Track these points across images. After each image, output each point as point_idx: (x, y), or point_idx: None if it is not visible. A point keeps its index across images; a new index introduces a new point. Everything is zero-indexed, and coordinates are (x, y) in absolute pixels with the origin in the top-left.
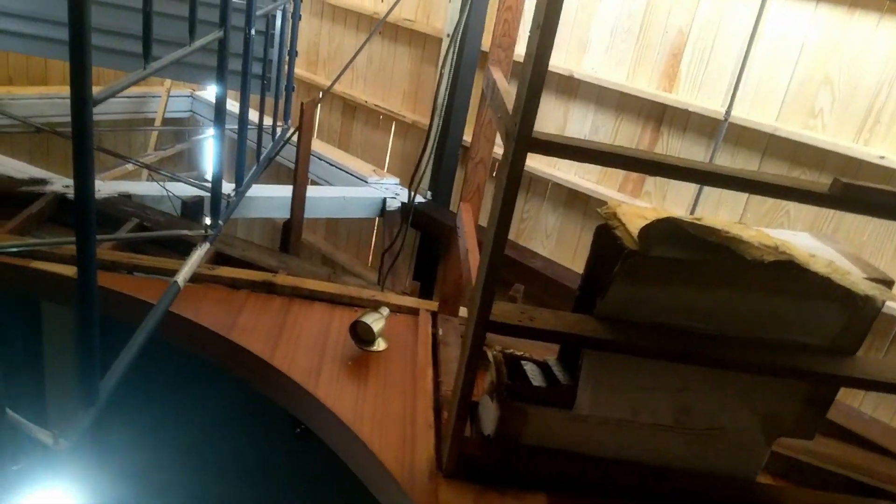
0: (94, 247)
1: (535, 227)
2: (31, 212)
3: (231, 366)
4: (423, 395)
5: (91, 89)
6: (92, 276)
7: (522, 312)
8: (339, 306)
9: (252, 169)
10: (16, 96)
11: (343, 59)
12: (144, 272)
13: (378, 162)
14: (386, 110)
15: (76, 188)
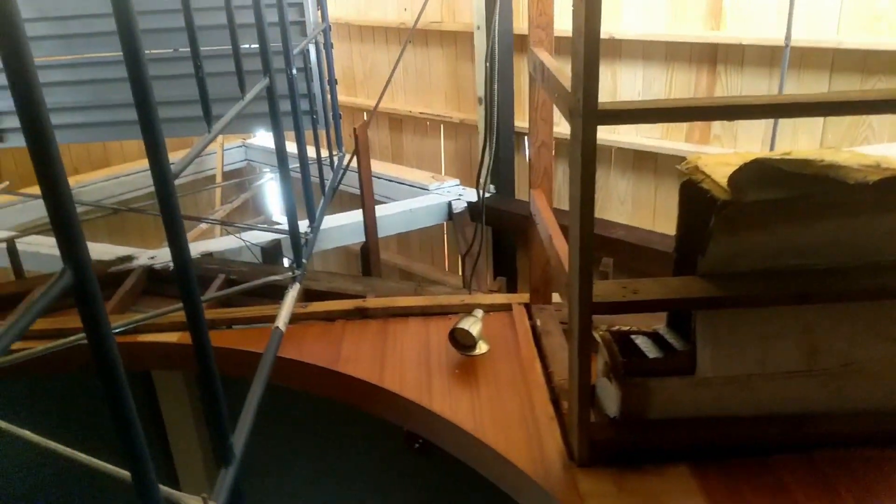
0: (202, 309)
1: (608, 196)
2: (126, 289)
3: (341, 396)
4: (537, 388)
5: (168, 163)
6: (205, 337)
7: (624, 287)
8: (433, 317)
9: (320, 202)
10: (85, 183)
11: (379, 76)
12: (243, 324)
13: (434, 167)
14: (431, 115)
15: (174, 257)
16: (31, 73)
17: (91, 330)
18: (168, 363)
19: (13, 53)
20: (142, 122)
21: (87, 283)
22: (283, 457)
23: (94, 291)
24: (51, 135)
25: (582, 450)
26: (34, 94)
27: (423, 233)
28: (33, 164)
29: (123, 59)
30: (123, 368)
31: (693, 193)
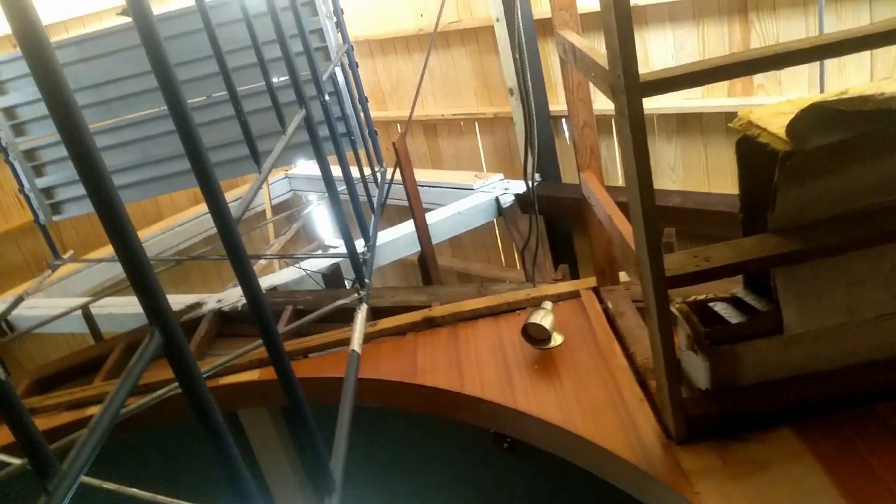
0: (282, 344)
1: (657, 164)
2: (201, 335)
3: (422, 407)
4: (621, 371)
5: (228, 208)
6: (289, 370)
7: (696, 256)
8: (502, 316)
9: (369, 220)
10: (144, 239)
11: (405, 85)
12: (318, 351)
13: (475, 165)
14: (464, 115)
15: (246, 296)
16: (90, 146)
17: (185, 381)
18: (253, 401)
19: (70, 128)
20: (196, 172)
21: (176, 340)
22: (375, 476)
23: (182, 347)
24: (119, 203)
25: (678, 427)
26: (97, 165)
27: (475, 232)
28: (108, 235)
29: (169, 113)
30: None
31: (750, 149)
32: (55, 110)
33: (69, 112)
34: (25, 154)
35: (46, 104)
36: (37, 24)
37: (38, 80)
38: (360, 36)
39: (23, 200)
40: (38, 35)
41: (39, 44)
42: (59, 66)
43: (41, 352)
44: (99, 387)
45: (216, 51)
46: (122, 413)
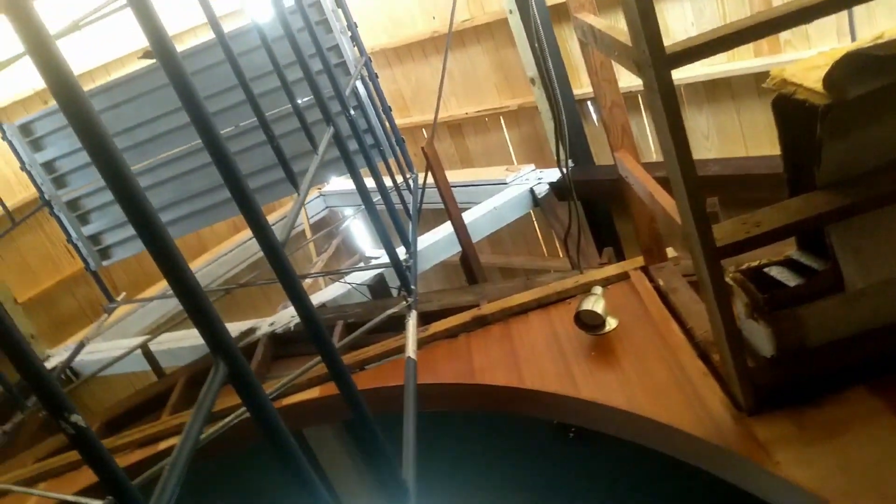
0: (340, 359)
1: (690, 135)
2: (258, 360)
3: (483, 406)
4: (680, 348)
5: (273, 233)
6: (350, 383)
7: (745, 223)
8: (552, 306)
9: (409, 226)
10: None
11: (426, 89)
12: (373, 362)
13: (505, 160)
14: (488, 110)
15: (300, 316)
16: (136, 190)
17: (254, 407)
18: (316, 418)
19: (115, 175)
20: (238, 201)
21: (241, 369)
22: (443, 479)
23: (248, 374)
24: (170, 242)
25: (748, 397)
26: (145, 208)
27: (513, 226)
28: (163, 274)
29: (201, 146)
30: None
31: (788, 107)
32: (99, 159)
33: (112, 159)
34: (69, 204)
35: (89, 154)
36: (71, 80)
37: (79, 131)
38: (376, 46)
39: (72, 250)
40: (75, 90)
41: (76, 98)
42: (98, 117)
43: (107, 394)
44: (167, 421)
45: (241, 80)
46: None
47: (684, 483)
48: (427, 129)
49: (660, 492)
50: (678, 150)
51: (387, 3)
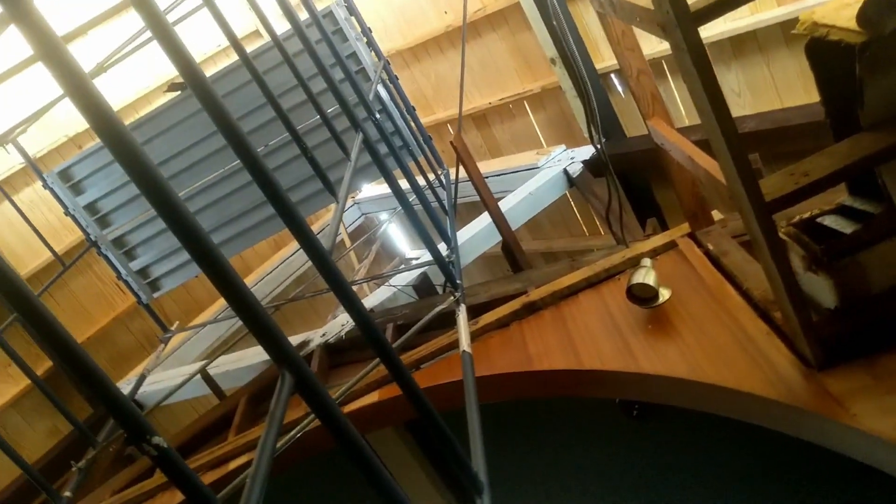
0: (398, 358)
1: None
2: (315, 370)
3: (544, 392)
4: (739, 310)
5: (320, 243)
6: (412, 382)
7: (792, 174)
8: (602, 284)
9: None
10: None
11: (446, 85)
12: (428, 361)
13: (534, 144)
14: (511, 97)
15: (355, 321)
16: (188, 218)
17: (323, 413)
18: (378, 422)
19: (166, 206)
20: (282, 216)
21: (307, 377)
22: (512, 472)
23: (314, 382)
24: (226, 263)
25: (816, 352)
26: (199, 235)
27: (550, 210)
28: (222, 294)
29: (235, 170)
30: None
31: (822, 50)
32: (149, 192)
33: (162, 190)
34: (114, 242)
35: (140, 187)
36: (113, 118)
37: (126, 166)
38: (392, 49)
39: (122, 286)
40: (117, 127)
41: (120, 135)
42: (142, 150)
43: (172, 422)
44: (234, 441)
45: (270, 97)
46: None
47: (754, 449)
48: (452, 123)
49: (728, 462)
50: (714, 108)
51: (398, 4)
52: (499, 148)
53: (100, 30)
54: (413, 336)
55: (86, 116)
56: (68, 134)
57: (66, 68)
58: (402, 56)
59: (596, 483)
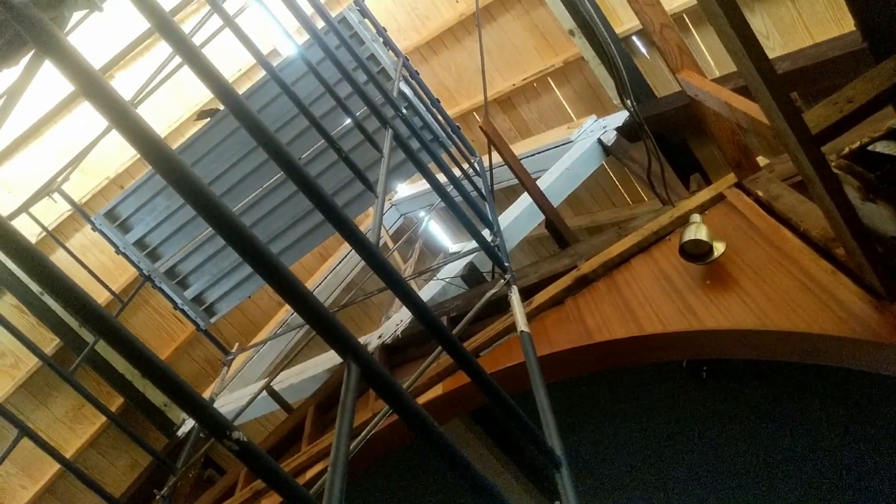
0: (461, 344)
1: None
2: None
3: (607, 363)
4: (800, 253)
5: (370, 242)
6: (477, 366)
7: (835, 104)
8: (653, 247)
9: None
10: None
11: (467, 73)
12: (486, 348)
13: (563, 119)
14: (534, 75)
15: (416, 315)
16: (246, 233)
17: (394, 401)
18: (444, 415)
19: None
20: (331, 219)
21: (372, 365)
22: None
23: (380, 369)
24: (286, 270)
25: (885, 282)
26: (259, 248)
27: (589, 183)
28: (285, 299)
29: (272, 188)
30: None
31: None
32: (206, 213)
33: (218, 209)
34: (167, 274)
35: (196, 208)
36: (161, 145)
37: (180, 189)
38: (408, 46)
39: (180, 316)
40: (166, 152)
41: (169, 160)
42: (192, 172)
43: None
44: (307, 450)
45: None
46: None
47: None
48: (478, 111)
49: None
50: (747, 47)
51: (408, 1)
52: (528, 129)
53: (124, 71)
54: (467, 325)
55: (134, 144)
56: (109, 176)
57: (108, 99)
58: (420, 52)
59: (673, 449)
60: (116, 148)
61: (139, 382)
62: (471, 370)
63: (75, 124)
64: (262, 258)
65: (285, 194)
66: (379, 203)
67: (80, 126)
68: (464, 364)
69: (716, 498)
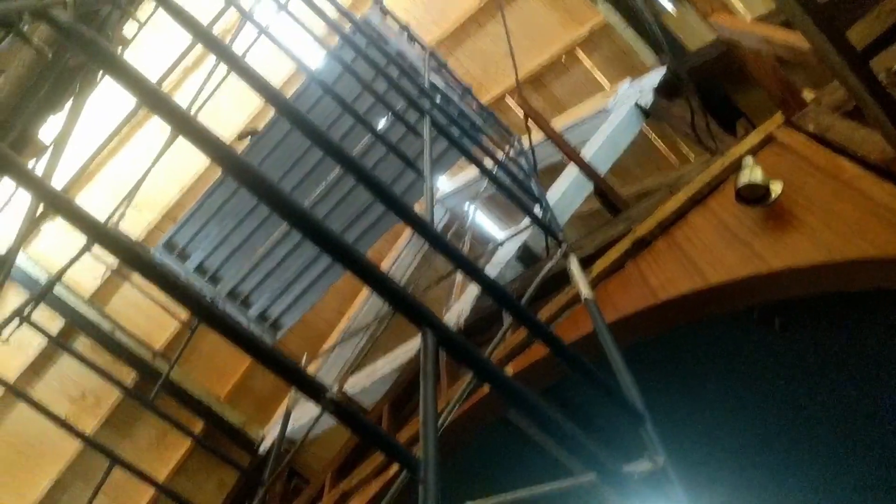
0: (532, 314)
1: None
2: (444, 361)
3: (676, 321)
4: (860, 180)
5: (428, 223)
6: (553, 335)
7: (877, 17)
8: (709, 198)
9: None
10: (361, 304)
11: (493, 60)
12: (550, 324)
13: (596, 88)
14: (562, 49)
15: (481, 282)
16: (320, 224)
17: (479, 367)
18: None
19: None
20: (394, 209)
21: (448, 332)
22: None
23: (455, 335)
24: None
25: None
26: (332, 236)
27: (632, 151)
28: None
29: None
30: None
31: None
32: (280, 208)
33: (291, 205)
34: (229, 296)
35: (272, 206)
36: (227, 149)
37: (253, 188)
38: (431, 41)
39: None
40: (234, 156)
41: (238, 162)
42: (260, 171)
43: (325, 450)
44: None
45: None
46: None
47: None
48: (510, 94)
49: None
50: None
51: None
52: (562, 104)
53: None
54: (530, 302)
55: (202, 148)
56: (163, 211)
57: (172, 109)
58: (444, 45)
59: (749, 408)
60: (165, 181)
61: (217, 406)
62: (545, 336)
63: (124, 164)
64: (340, 247)
65: (336, 199)
66: (428, 186)
67: (129, 165)
68: (536, 330)
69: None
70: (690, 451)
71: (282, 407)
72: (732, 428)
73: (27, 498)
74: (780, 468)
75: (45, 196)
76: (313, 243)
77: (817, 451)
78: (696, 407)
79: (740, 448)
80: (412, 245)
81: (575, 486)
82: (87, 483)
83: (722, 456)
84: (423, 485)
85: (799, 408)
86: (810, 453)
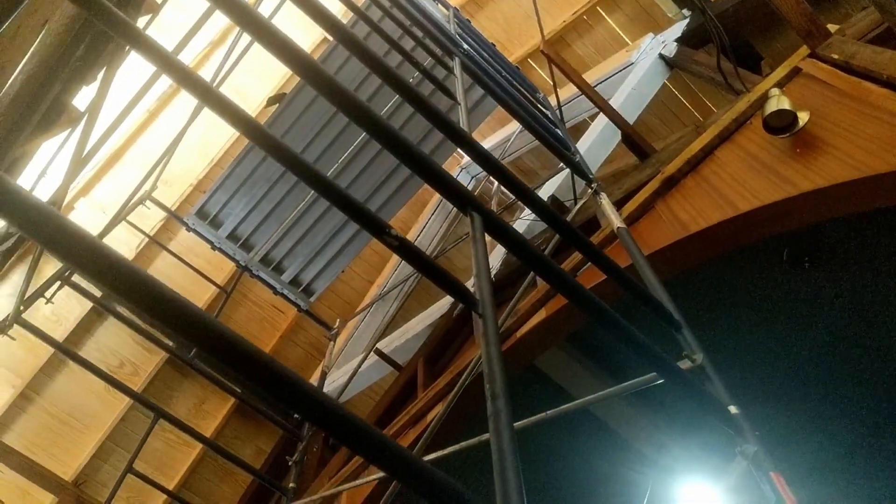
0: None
1: None
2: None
3: (708, 253)
4: (887, 100)
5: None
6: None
7: None
8: (735, 134)
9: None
10: (393, 267)
11: (515, 22)
12: (581, 268)
13: (619, 45)
14: (583, 6)
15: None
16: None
17: (525, 251)
18: (548, 340)
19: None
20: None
21: (492, 214)
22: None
23: (499, 218)
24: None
25: None
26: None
27: (656, 105)
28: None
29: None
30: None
31: None
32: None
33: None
34: (262, 262)
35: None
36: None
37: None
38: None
39: (279, 305)
40: (259, 128)
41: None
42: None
43: (360, 408)
44: (424, 395)
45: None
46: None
47: None
48: (532, 57)
49: None
50: None
51: None
52: (585, 64)
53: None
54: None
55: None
56: (192, 183)
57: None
58: (465, 10)
59: (779, 347)
60: (194, 157)
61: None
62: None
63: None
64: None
65: (363, 164)
66: (464, 118)
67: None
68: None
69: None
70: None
71: (318, 368)
72: (763, 363)
73: (69, 465)
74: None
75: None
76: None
77: (849, 389)
78: (726, 345)
79: (769, 382)
80: (440, 212)
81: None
82: (128, 450)
83: (753, 394)
84: (483, 319)
85: (834, 339)
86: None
